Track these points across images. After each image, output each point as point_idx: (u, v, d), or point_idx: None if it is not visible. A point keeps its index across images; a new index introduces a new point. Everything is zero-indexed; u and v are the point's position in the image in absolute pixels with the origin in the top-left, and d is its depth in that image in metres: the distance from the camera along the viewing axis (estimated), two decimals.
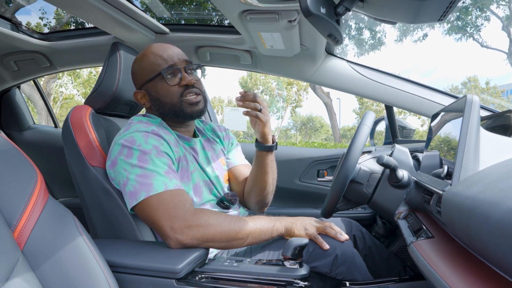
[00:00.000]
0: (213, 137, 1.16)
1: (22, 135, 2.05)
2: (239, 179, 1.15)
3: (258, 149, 1.03)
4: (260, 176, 1.06)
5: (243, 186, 1.14)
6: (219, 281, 0.76)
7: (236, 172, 1.16)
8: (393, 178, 1.05)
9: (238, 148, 1.23)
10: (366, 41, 14.27)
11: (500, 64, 68.20)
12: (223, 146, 1.18)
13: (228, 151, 1.20)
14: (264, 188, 1.08)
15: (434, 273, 0.52)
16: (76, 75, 15.50)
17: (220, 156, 1.13)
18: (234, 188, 1.16)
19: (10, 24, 1.53)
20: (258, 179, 1.07)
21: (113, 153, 0.90)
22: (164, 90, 0.96)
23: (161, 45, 1.00)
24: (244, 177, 1.15)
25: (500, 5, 15.16)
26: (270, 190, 1.10)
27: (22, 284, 0.55)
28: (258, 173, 1.06)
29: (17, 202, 0.61)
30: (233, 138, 1.23)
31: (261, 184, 1.07)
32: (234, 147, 1.22)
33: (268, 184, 1.08)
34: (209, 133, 1.16)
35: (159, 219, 0.81)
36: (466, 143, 0.60)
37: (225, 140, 1.20)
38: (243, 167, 1.18)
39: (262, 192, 1.09)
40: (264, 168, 1.05)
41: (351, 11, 0.74)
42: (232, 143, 1.22)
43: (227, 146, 1.20)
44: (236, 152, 1.21)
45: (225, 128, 1.23)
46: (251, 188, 1.10)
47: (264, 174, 1.06)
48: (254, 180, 1.08)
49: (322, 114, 43.46)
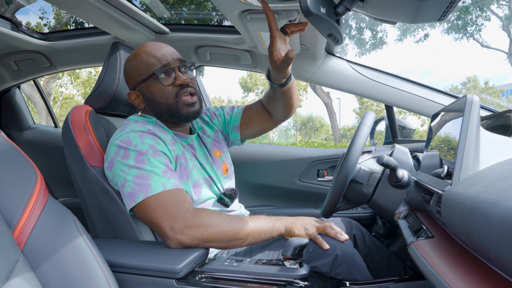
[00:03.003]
0: (202, 126, 1.16)
1: (22, 135, 2.05)
2: (254, 121, 1.18)
3: (280, 87, 1.01)
4: (287, 100, 1.08)
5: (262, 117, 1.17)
6: (219, 281, 0.76)
7: (247, 122, 1.18)
8: (393, 178, 1.05)
9: (226, 109, 1.22)
10: (367, 41, 14.29)
11: (500, 64, 68.23)
12: (214, 131, 1.17)
13: (224, 123, 1.20)
14: (294, 102, 1.11)
15: (434, 273, 0.52)
16: (76, 75, 15.48)
17: (213, 148, 1.11)
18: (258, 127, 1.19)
19: (10, 24, 1.53)
20: (284, 103, 1.09)
21: (109, 154, 0.90)
22: (158, 91, 0.95)
23: (154, 44, 0.98)
24: (254, 114, 1.17)
25: (500, 5, 15.17)
26: (298, 98, 1.13)
27: (22, 284, 0.55)
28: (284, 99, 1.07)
29: (17, 202, 0.61)
30: (216, 110, 1.22)
31: (290, 100, 1.09)
32: (223, 114, 1.21)
33: (296, 95, 1.10)
34: (198, 123, 1.16)
35: (158, 220, 0.80)
36: (466, 143, 0.60)
37: (213, 119, 1.19)
38: (245, 113, 1.19)
39: (293, 105, 1.12)
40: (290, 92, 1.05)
41: (351, 11, 0.74)
42: (220, 114, 1.21)
43: (219, 123, 1.19)
44: (230, 113, 1.21)
45: (207, 108, 1.21)
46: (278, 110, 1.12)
47: (291, 96, 1.07)
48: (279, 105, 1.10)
49: (322, 114, 43.51)
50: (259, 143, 2.15)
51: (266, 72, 1.01)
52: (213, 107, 1.23)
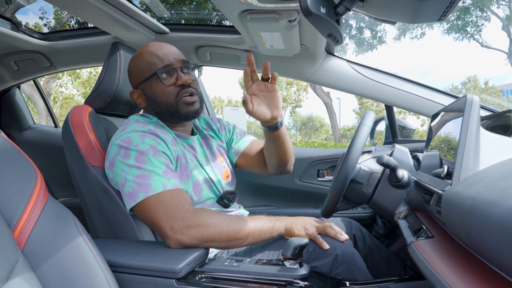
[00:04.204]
0: (208, 132, 1.15)
1: (22, 135, 2.06)
2: (253, 158, 1.17)
3: (270, 130, 1.01)
4: (278, 151, 1.07)
5: (261, 159, 1.16)
6: (219, 281, 0.76)
7: (248, 154, 1.17)
8: (393, 178, 1.05)
9: (237, 130, 1.22)
10: (367, 40, 14.29)
11: (499, 64, 68.21)
12: (220, 140, 1.17)
13: (229, 141, 1.19)
14: (285, 159, 1.11)
15: (434, 273, 0.52)
16: (76, 75, 15.48)
17: (217, 153, 1.12)
18: (254, 166, 1.18)
19: (10, 24, 1.53)
20: (276, 155, 1.08)
21: (110, 154, 0.90)
22: (160, 90, 0.95)
23: (158, 44, 0.99)
24: (257, 152, 1.17)
25: (500, 5, 15.17)
26: (291, 156, 1.13)
27: (22, 284, 0.55)
28: (276, 149, 1.07)
29: (17, 202, 0.61)
30: (228, 125, 1.22)
31: (282, 157, 1.09)
32: (233, 132, 1.21)
33: (288, 153, 1.10)
34: (204, 128, 1.15)
35: (158, 220, 0.80)
36: (466, 143, 0.60)
37: (221, 131, 1.19)
38: (252, 144, 1.19)
39: (284, 163, 1.11)
40: (280, 142, 1.05)
41: (351, 10, 0.75)
42: (229, 130, 1.21)
43: (225, 137, 1.19)
44: (238, 136, 1.21)
45: (218, 119, 1.21)
46: (271, 162, 1.12)
47: (282, 146, 1.07)
48: (272, 156, 1.09)
49: (322, 114, 43.51)
50: None
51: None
52: (225, 121, 1.23)
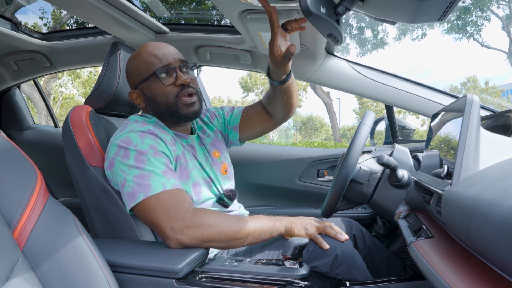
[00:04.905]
0: (201, 125, 1.16)
1: (22, 135, 2.05)
2: (253, 122, 1.18)
3: (280, 84, 1.00)
4: (288, 100, 1.08)
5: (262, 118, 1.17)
6: (219, 281, 0.76)
7: (246, 121, 1.18)
8: (393, 178, 1.05)
9: (226, 109, 1.22)
10: (369, 40, 14.29)
11: (499, 64, 68.23)
12: (214, 131, 1.17)
13: (223, 124, 1.20)
14: (293, 102, 1.11)
15: (434, 273, 0.52)
16: (76, 75, 15.47)
17: (213, 147, 1.12)
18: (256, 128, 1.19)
19: (10, 24, 1.53)
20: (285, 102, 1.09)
21: (110, 154, 0.90)
22: (159, 90, 0.95)
23: (156, 44, 0.98)
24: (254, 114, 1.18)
25: (500, 5, 15.17)
26: (297, 97, 1.13)
27: (22, 284, 0.55)
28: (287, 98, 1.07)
29: (17, 202, 0.61)
30: (216, 111, 1.22)
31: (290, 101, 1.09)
32: (223, 114, 1.21)
33: (296, 94, 1.10)
34: (198, 123, 1.16)
35: (158, 220, 0.80)
36: (466, 143, 0.60)
37: (213, 120, 1.19)
38: (245, 113, 1.19)
39: (293, 105, 1.12)
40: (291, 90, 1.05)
41: (351, 10, 0.74)
42: (220, 115, 1.21)
43: (218, 124, 1.19)
44: (230, 113, 1.21)
45: (207, 109, 1.21)
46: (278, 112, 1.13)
47: (291, 97, 1.07)
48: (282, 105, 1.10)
49: (322, 114, 43.52)
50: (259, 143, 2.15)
51: (266, 69, 1.01)
52: (213, 108, 1.23)
